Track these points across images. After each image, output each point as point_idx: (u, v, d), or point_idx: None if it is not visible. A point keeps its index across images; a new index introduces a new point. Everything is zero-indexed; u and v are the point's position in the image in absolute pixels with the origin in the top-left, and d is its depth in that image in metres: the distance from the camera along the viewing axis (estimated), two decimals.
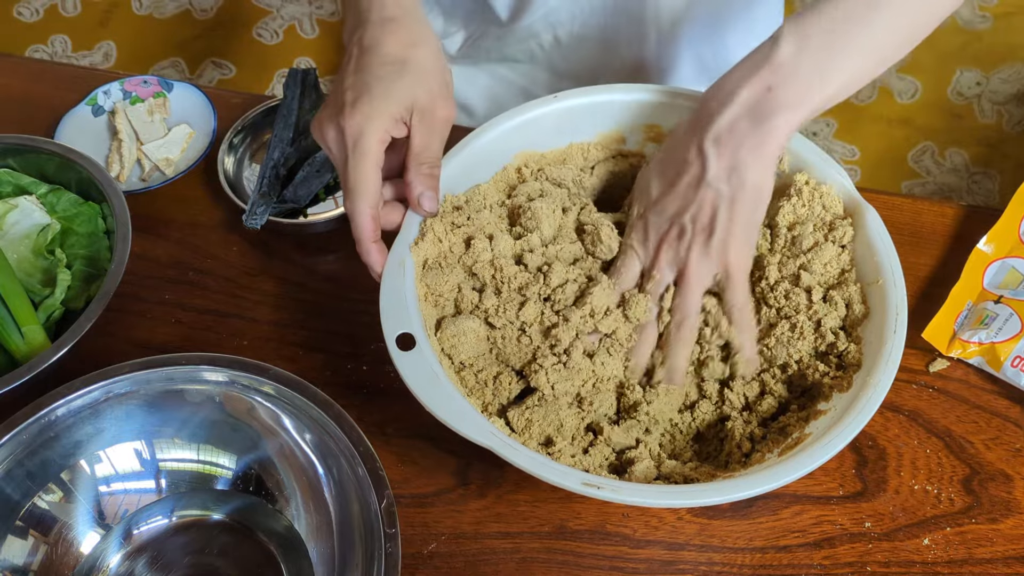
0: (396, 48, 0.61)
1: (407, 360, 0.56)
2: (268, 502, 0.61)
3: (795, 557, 0.62)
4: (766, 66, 0.57)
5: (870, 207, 0.63)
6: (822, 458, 0.53)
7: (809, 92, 0.57)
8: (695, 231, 0.59)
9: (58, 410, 0.58)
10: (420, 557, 0.62)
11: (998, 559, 0.61)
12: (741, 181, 0.58)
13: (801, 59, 0.57)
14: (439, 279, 0.62)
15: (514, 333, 0.62)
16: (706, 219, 0.59)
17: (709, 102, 0.59)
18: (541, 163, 0.70)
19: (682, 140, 0.60)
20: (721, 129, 0.57)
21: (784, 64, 0.56)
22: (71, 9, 2.17)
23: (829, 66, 0.57)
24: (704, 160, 0.58)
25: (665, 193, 0.60)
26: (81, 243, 0.73)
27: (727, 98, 0.57)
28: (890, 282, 0.60)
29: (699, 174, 0.58)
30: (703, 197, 0.58)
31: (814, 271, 0.62)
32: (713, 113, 0.58)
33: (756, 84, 0.57)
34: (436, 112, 0.61)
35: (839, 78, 0.58)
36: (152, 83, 0.88)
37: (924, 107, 1.94)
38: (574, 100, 0.69)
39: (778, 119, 0.57)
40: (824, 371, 0.60)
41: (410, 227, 0.63)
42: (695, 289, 0.60)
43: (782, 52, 0.57)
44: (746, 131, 0.57)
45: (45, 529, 0.59)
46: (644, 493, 0.53)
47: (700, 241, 0.59)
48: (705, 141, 0.58)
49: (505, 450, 0.54)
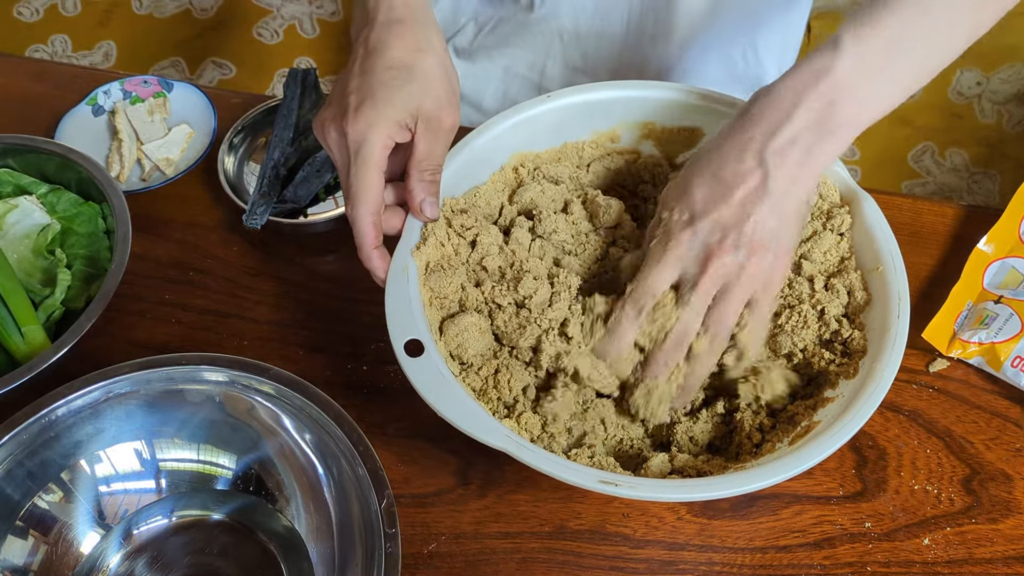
0: (403, 52, 0.60)
1: (416, 366, 0.56)
2: (268, 502, 0.61)
3: (795, 557, 0.62)
4: (827, 79, 0.55)
5: (867, 195, 0.63)
6: (836, 444, 0.53)
7: (868, 109, 0.57)
8: (752, 246, 0.56)
9: (58, 410, 0.58)
10: (420, 557, 0.62)
11: (998, 559, 0.61)
12: (799, 196, 0.56)
13: (861, 74, 0.55)
14: (443, 282, 0.62)
15: (513, 311, 0.62)
16: (763, 235, 0.56)
17: (767, 110, 0.56)
18: (537, 162, 0.70)
19: (737, 147, 0.57)
20: (783, 141, 0.55)
21: (846, 79, 0.55)
22: (71, 9, 2.17)
23: (887, 81, 0.57)
24: (766, 171, 0.55)
25: (718, 202, 0.56)
26: (81, 243, 0.73)
27: (790, 109, 0.56)
28: (891, 268, 0.60)
29: (759, 186, 0.55)
30: (762, 211, 0.55)
31: (814, 260, 0.63)
32: (776, 123, 0.56)
33: (819, 97, 0.55)
34: (442, 121, 0.61)
35: (896, 93, 0.57)
36: (152, 83, 0.88)
37: (924, 107, 1.94)
38: (568, 99, 0.69)
39: (840, 136, 0.56)
40: (829, 359, 0.60)
41: (412, 232, 0.63)
42: (738, 305, 0.57)
43: (843, 65, 0.55)
44: (809, 145, 0.56)
45: (45, 529, 0.59)
46: (662, 488, 0.53)
47: (755, 258, 0.56)
48: (767, 151, 0.55)
49: (520, 452, 0.54)
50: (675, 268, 0.57)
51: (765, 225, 0.56)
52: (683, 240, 0.57)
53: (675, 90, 0.68)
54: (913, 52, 0.57)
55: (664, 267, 0.57)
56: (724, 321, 0.57)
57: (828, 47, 0.56)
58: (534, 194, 0.67)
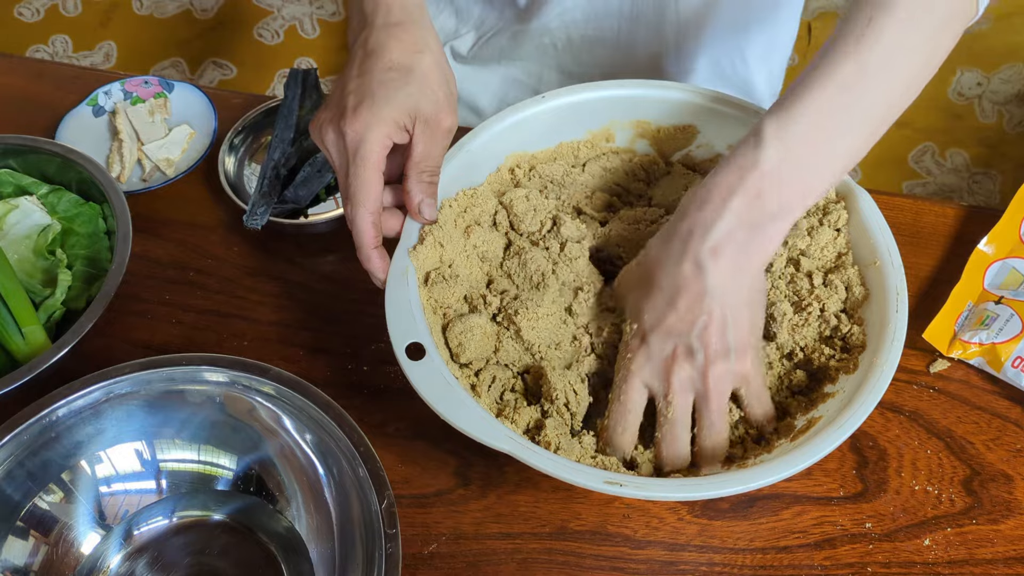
0: (401, 54, 0.60)
1: (418, 370, 0.56)
2: (269, 503, 0.61)
3: (796, 558, 0.62)
4: (752, 173, 0.55)
5: (863, 191, 0.64)
6: (839, 439, 0.54)
7: (801, 193, 0.56)
8: (708, 349, 0.55)
9: (59, 410, 0.58)
10: (421, 558, 0.62)
11: (999, 560, 0.61)
12: (742, 288, 0.56)
13: (786, 163, 0.55)
14: (445, 292, 0.62)
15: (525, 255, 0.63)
16: (716, 335, 0.55)
17: (698, 212, 0.56)
18: (532, 163, 0.71)
19: (672, 253, 0.57)
20: (717, 239, 0.55)
21: (771, 171, 0.54)
22: (72, 9, 2.17)
23: (818, 162, 0.56)
24: (703, 273, 0.55)
25: (665, 313, 0.56)
26: (82, 243, 0.73)
27: (719, 207, 0.55)
28: (887, 263, 0.60)
29: (699, 289, 0.55)
30: (708, 312, 0.55)
31: (812, 255, 0.63)
32: (707, 223, 0.55)
33: (745, 193, 0.55)
34: (440, 123, 0.61)
35: (828, 171, 0.56)
36: (153, 83, 0.88)
37: (924, 107, 1.94)
38: (562, 99, 0.69)
39: (774, 226, 0.55)
40: (829, 354, 0.61)
41: (410, 234, 0.63)
42: (721, 404, 0.57)
43: (766, 156, 0.55)
44: (743, 241, 0.55)
45: (46, 529, 0.59)
46: (668, 488, 0.53)
47: (716, 359, 0.56)
48: (701, 253, 0.55)
49: (525, 454, 0.54)
50: (641, 384, 0.58)
51: (717, 324, 0.55)
52: (640, 357, 0.58)
53: (666, 88, 0.68)
54: (841, 129, 0.56)
55: (631, 386, 0.58)
56: (714, 417, 0.57)
57: (751, 141, 0.56)
58: (515, 197, 0.67)
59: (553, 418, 0.59)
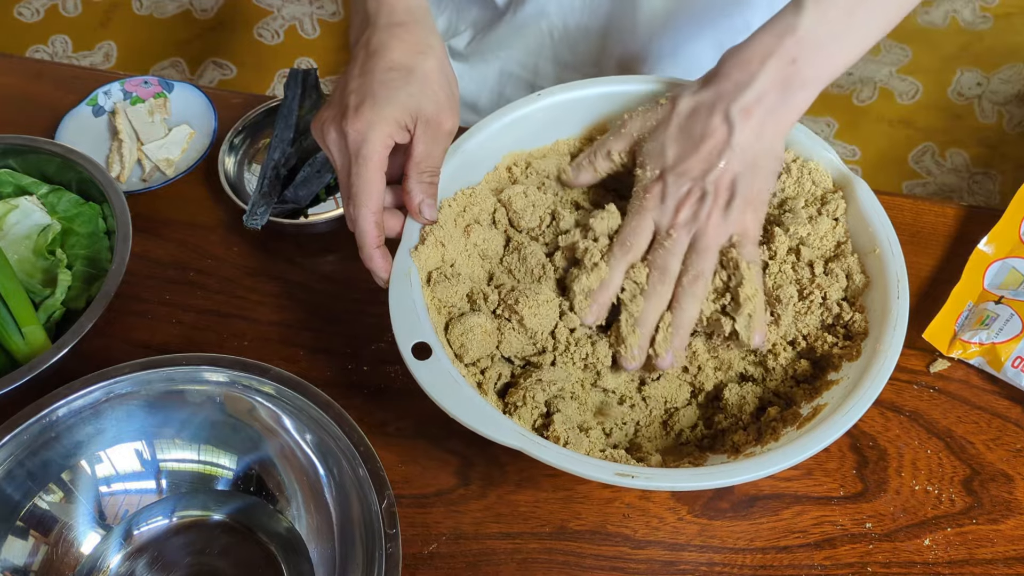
0: (403, 55, 0.61)
1: (425, 369, 0.56)
2: (269, 503, 0.61)
3: (796, 558, 0.62)
4: (790, 38, 0.58)
5: (860, 179, 0.64)
6: (846, 424, 0.54)
7: (831, 63, 0.59)
8: (717, 194, 0.59)
9: (59, 410, 0.58)
10: (421, 558, 0.62)
11: (999, 560, 0.61)
12: (764, 149, 0.60)
13: (822, 29, 0.58)
14: (449, 291, 0.62)
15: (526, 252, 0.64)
16: (728, 183, 0.59)
17: (734, 70, 0.60)
18: (529, 160, 0.71)
19: (706, 106, 0.60)
20: (749, 100, 0.59)
21: (808, 37, 0.58)
22: (71, 9, 2.17)
23: (848, 34, 0.59)
24: (731, 127, 0.59)
25: (686, 156, 0.60)
26: (82, 243, 0.73)
27: (756, 69, 0.59)
28: (887, 251, 0.61)
29: (724, 140, 0.59)
30: (727, 162, 0.59)
31: (812, 244, 0.63)
32: (741, 83, 0.59)
33: (782, 56, 0.58)
34: (442, 123, 0.61)
35: (858, 44, 0.60)
36: (152, 83, 0.88)
37: (925, 107, 1.94)
38: (557, 96, 0.69)
39: (805, 92, 0.59)
40: (832, 342, 0.61)
41: (411, 234, 0.63)
42: (713, 249, 0.60)
43: (805, 24, 0.58)
44: (774, 103, 0.59)
45: (46, 529, 0.59)
46: (677, 477, 0.53)
47: (721, 204, 0.60)
48: (732, 109, 0.59)
49: (535, 449, 0.54)
50: (650, 219, 0.61)
51: (731, 174, 0.59)
52: (655, 193, 0.61)
53: (660, 83, 0.68)
54: (872, 8, 0.60)
55: (640, 218, 0.61)
56: (702, 264, 0.60)
57: (791, 8, 0.59)
58: (513, 194, 0.68)
59: (564, 401, 0.60)
